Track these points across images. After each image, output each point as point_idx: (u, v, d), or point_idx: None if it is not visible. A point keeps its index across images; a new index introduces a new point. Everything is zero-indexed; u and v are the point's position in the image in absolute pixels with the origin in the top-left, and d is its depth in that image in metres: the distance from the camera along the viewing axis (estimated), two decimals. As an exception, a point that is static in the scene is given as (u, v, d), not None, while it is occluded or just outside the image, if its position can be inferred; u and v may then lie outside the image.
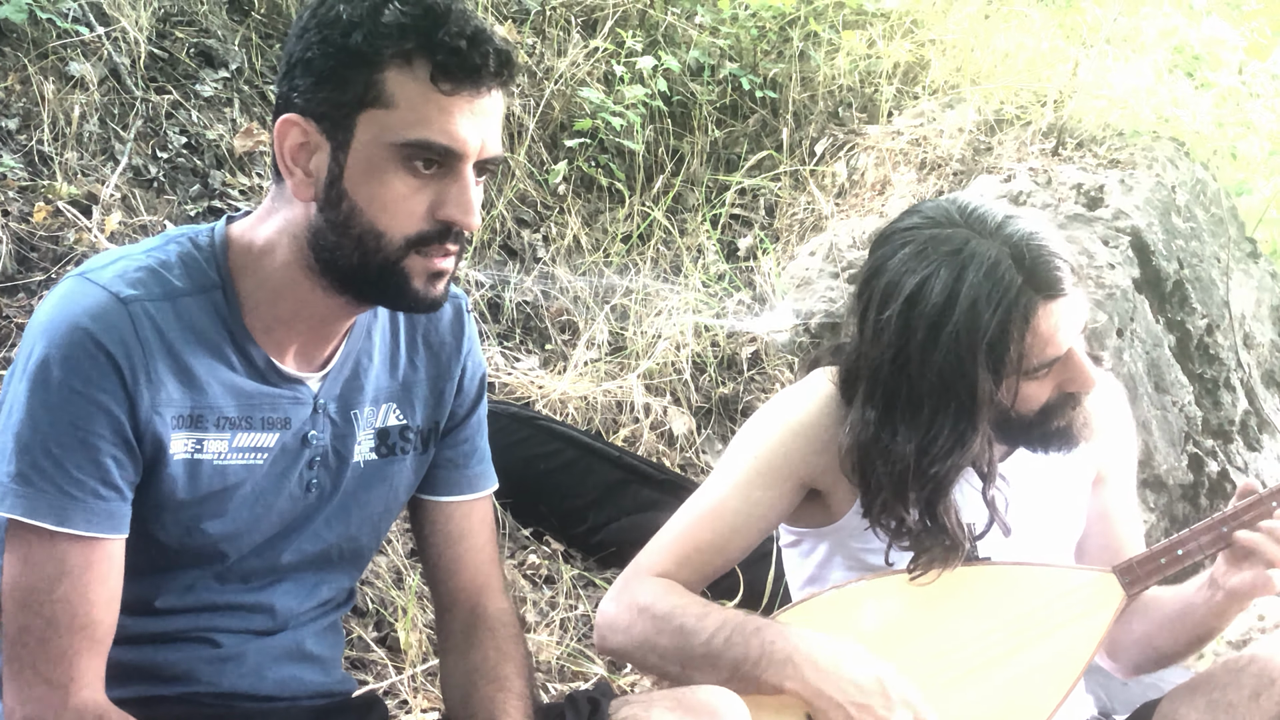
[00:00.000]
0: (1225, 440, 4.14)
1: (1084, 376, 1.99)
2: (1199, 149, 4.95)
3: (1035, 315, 1.93)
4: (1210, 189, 4.70)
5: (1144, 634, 2.19)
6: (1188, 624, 2.13)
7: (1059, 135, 4.61)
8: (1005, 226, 1.96)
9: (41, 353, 1.60)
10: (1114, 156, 4.51)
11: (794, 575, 2.25)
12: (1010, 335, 1.92)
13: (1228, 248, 4.53)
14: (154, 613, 1.73)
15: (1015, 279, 1.92)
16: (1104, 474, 2.25)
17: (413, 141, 1.61)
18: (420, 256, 1.66)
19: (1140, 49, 5.40)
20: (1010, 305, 1.92)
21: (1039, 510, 2.14)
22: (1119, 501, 2.27)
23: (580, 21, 4.91)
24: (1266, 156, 5.33)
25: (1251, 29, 5.67)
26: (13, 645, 1.61)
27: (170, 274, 1.68)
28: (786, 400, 2.14)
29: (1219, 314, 4.32)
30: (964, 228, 1.97)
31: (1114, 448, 2.24)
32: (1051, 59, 5.05)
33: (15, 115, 3.69)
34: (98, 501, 1.61)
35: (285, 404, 1.75)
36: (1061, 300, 1.95)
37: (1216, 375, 4.24)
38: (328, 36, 1.62)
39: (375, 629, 2.94)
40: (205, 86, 4.10)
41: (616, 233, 4.40)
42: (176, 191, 3.78)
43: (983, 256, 1.93)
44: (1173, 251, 4.22)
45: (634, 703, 1.84)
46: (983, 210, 1.99)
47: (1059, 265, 1.94)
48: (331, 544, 1.84)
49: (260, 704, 1.80)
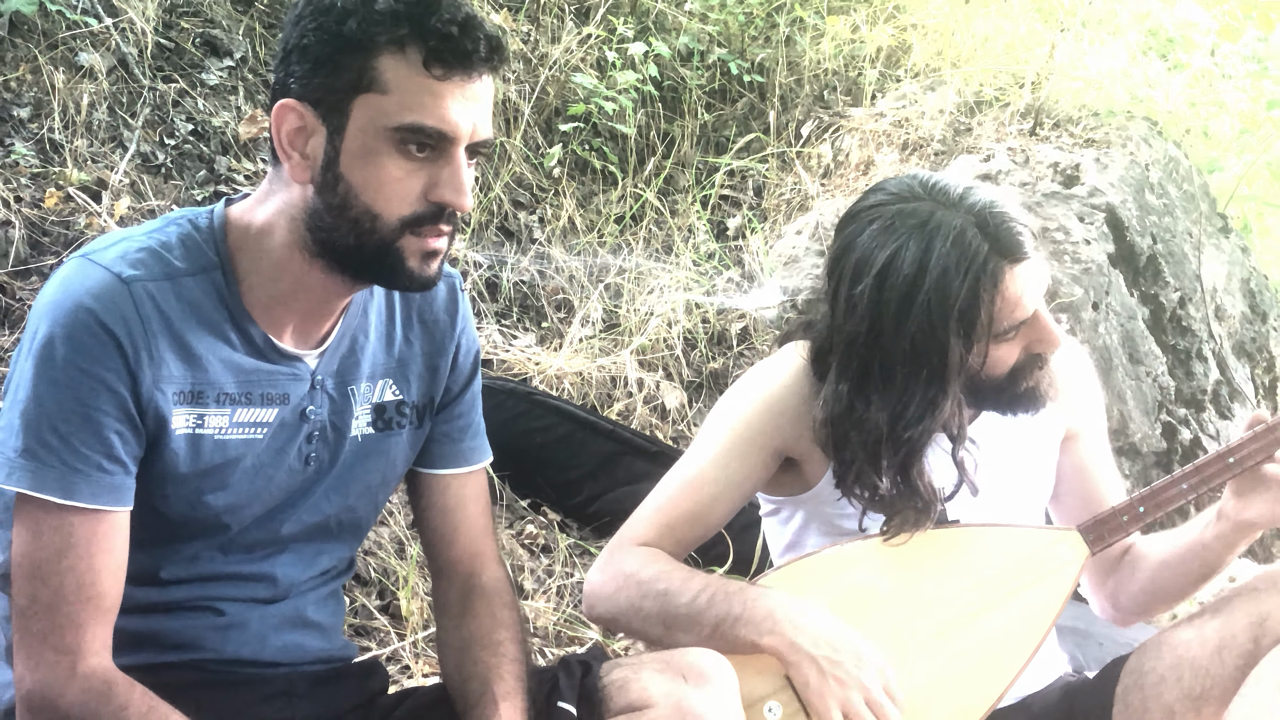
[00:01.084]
0: (1198, 409, 4.15)
1: (1050, 336, 2.00)
2: (1172, 128, 4.94)
3: (1003, 279, 1.94)
4: (1183, 167, 4.69)
5: (1148, 579, 2.19)
6: (1196, 561, 2.13)
7: (1036, 116, 4.60)
8: (967, 197, 1.97)
9: (46, 332, 1.60)
10: (1089, 136, 4.50)
11: (774, 542, 2.26)
12: (980, 299, 1.93)
13: (1200, 223, 4.53)
14: (159, 583, 1.73)
15: (982, 246, 1.93)
16: (1074, 431, 2.25)
17: (406, 125, 1.61)
18: (414, 237, 1.66)
19: (1115, 32, 5.39)
20: (979, 271, 1.92)
21: (1007, 472, 2.14)
22: (1094, 457, 2.27)
23: (573, 9, 4.90)
24: (1237, 135, 5.33)
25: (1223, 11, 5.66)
26: (22, 615, 1.62)
27: (171, 255, 1.68)
28: (759, 374, 2.14)
29: (1191, 287, 4.32)
30: (928, 201, 1.98)
31: (1081, 406, 2.25)
32: (1029, 42, 5.04)
33: (27, 104, 3.68)
34: (102, 475, 1.61)
35: (283, 380, 1.75)
36: (1026, 263, 1.96)
37: (1189, 346, 4.24)
38: (323, 23, 1.62)
39: (378, 597, 2.95)
40: (210, 75, 4.09)
41: (610, 214, 4.40)
42: (183, 177, 3.77)
43: (949, 226, 1.94)
44: (1146, 227, 4.22)
45: (625, 665, 1.84)
46: (944, 183, 2.00)
47: (1020, 230, 1.96)
48: (330, 515, 1.84)
49: (263, 670, 1.80)
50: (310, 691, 1.84)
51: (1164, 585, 2.19)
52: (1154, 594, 2.21)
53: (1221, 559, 2.11)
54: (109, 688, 1.60)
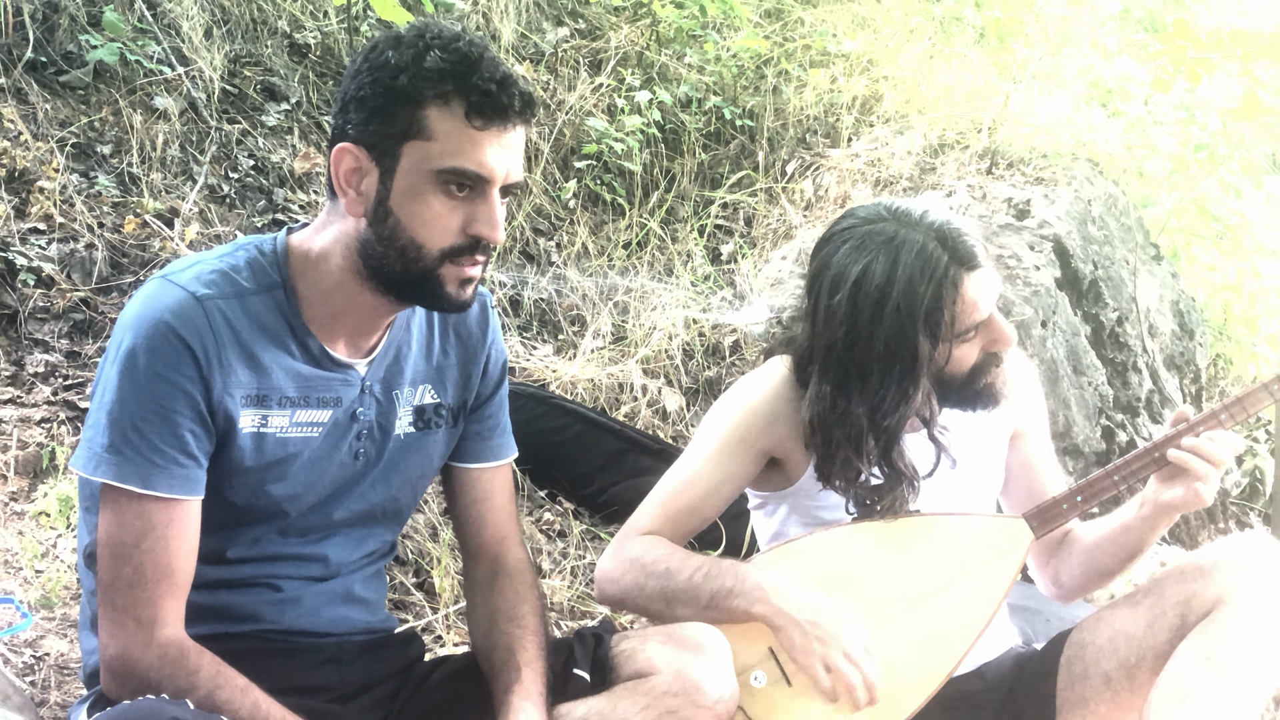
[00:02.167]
0: (1133, 414, 4.15)
1: (1004, 335, 2.01)
2: (1111, 168, 4.94)
3: (962, 284, 1.95)
4: (1120, 202, 4.69)
5: (1085, 559, 2.20)
6: (1124, 541, 2.14)
7: (992, 157, 4.60)
8: (926, 217, 1.98)
9: (130, 343, 1.61)
10: (1039, 175, 4.50)
11: (761, 532, 2.26)
12: (943, 303, 1.94)
13: (1135, 252, 4.52)
14: (226, 562, 1.74)
15: (942, 256, 1.94)
16: (1020, 431, 2.25)
17: (449, 169, 1.62)
18: (453, 265, 1.67)
19: (1061, 84, 5.38)
20: (941, 278, 1.94)
21: (963, 467, 2.14)
22: (1037, 453, 2.28)
23: (587, 61, 4.91)
24: (1168, 175, 5.32)
25: (1156, 66, 5.65)
26: (106, 590, 1.63)
27: (239, 276, 1.69)
28: (747, 384, 2.14)
29: (1128, 308, 4.32)
30: (893, 222, 1.99)
31: (1027, 409, 2.25)
32: (986, 92, 5.04)
33: (109, 142, 3.69)
34: (178, 468, 1.62)
35: (337, 385, 1.75)
36: (980, 270, 1.97)
37: (1125, 360, 4.24)
38: (378, 78, 1.63)
39: (414, 575, 2.94)
40: (269, 117, 4.10)
41: (618, 240, 4.40)
42: (245, 206, 3.78)
43: (913, 242, 1.95)
44: (1089, 255, 4.22)
45: (632, 637, 1.85)
46: (906, 206, 2.01)
47: (974, 243, 1.97)
48: (376, 504, 1.85)
49: (316, 639, 1.81)
50: (356, 658, 1.85)
51: (1098, 564, 2.19)
52: (1090, 572, 2.21)
53: (1146, 539, 2.12)
54: (182, 655, 1.61)
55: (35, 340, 3.16)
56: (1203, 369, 4.70)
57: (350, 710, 1.81)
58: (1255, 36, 5.39)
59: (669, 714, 1.73)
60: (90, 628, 1.74)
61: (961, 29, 5.66)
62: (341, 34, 4.40)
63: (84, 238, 3.36)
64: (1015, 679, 2.11)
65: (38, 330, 3.18)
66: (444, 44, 1.62)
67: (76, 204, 3.43)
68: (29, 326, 3.17)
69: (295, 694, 1.68)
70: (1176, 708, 1.84)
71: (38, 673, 2.30)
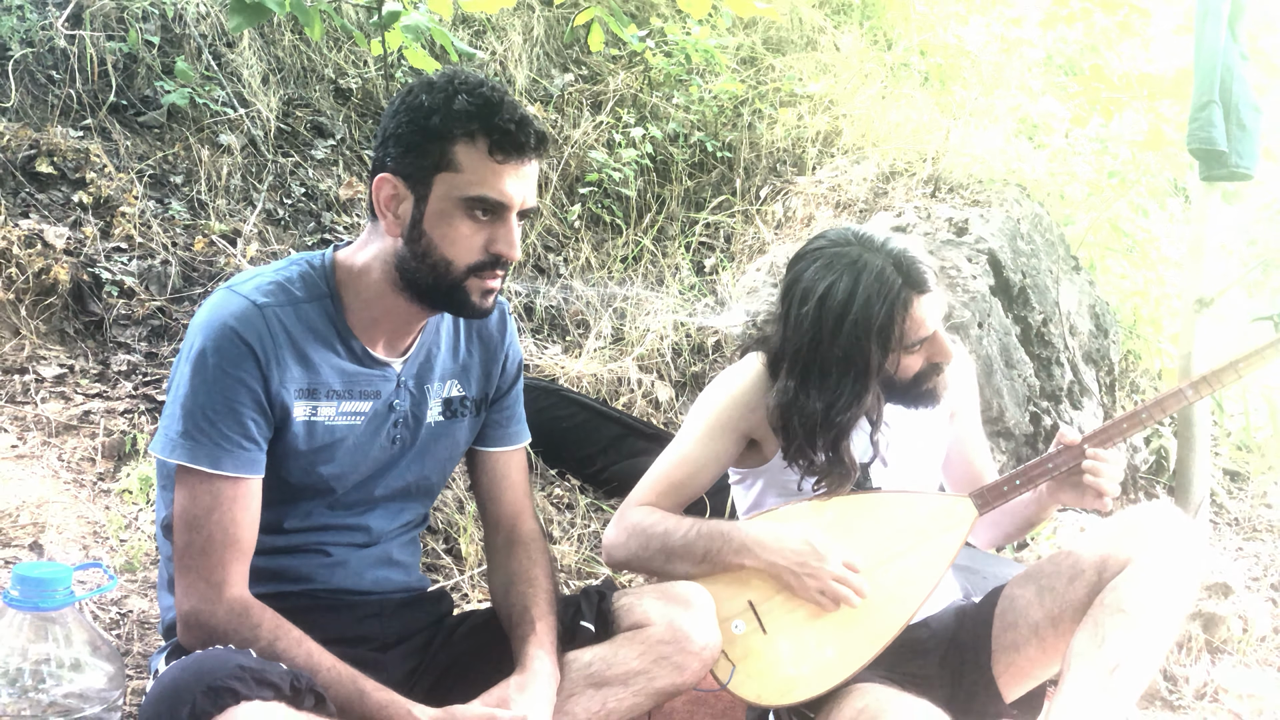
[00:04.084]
0: (1056, 402, 4.15)
1: (945, 351, 2.01)
2: (1037, 192, 4.94)
3: (912, 305, 1.95)
4: (1045, 221, 4.70)
5: (999, 523, 2.24)
6: (1024, 516, 2.19)
7: (936, 183, 4.61)
8: (887, 244, 1.98)
9: (200, 344, 1.61)
10: (975, 198, 4.50)
11: (740, 504, 2.25)
12: (895, 320, 1.94)
13: (1057, 263, 4.53)
14: (283, 531, 1.74)
15: (896, 280, 1.94)
16: (956, 411, 2.26)
17: (474, 197, 1.62)
18: (477, 278, 1.67)
19: (994, 120, 5.39)
20: (894, 299, 1.94)
21: (910, 449, 2.15)
22: (969, 431, 2.29)
23: (589, 103, 4.90)
24: (1085, 197, 5.33)
25: (1075, 105, 5.66)
26: (181, 556, 1.63)
27: (293, 287, 1.68)
28: (728, 376, 2.14)
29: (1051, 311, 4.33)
30: (857, 246, 1.99)
31: (960, 392, 2.25)
32: (930, 128, 5.05)
33: (180, 173, 3.69)
34: (242, 451, 1.62)
35: (377, 380, 1.75)
36: (929, 294, 1.97)
37: (1049, 355, 4.24)
38: (414, 118, 1.63)
39: (444, 542, 2.95)
40: (318, 151, 4.10)
41: (617, 255, 4.40)
42: (297, 228, 3.78)
43: (873, 266, 1.95)
44: (1018, 266, 4.22)
45: (630, 594, 1.85)
46: (870, 233, 2.01)
47: (926, 270, 1.97)
48: (410, 482, 1.84)
49: (360, 597, 1.81)
50: (395, 613, 1.85)
51: (1006, 528, 2.24)
52: (998, 533, 2.26)
53: (1039, 519, 2.19)
54: (247, 611, 1.61)
55: (119, 343, 3.16)
56: (1115, 363, 4.71)
57: (390, 657, 1.81)
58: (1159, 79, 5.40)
59: (662, 659, 1.74)
60: (167, 588, 1.74)
61: (909, 74, 5.66)
62: (379, 80, 4.39)
63: (160, 255, 3.36)
64: (957, 628, 2.11)
65: (121, 334, 3.18)
66: (470, 89, 1.62)
67: (153, 226, 3.43)
68: (113, 331, 3.17)
69: (343, 644, 1.68)
70: (1094, 651, 1.85)
71: (122, 627, 2.30)
